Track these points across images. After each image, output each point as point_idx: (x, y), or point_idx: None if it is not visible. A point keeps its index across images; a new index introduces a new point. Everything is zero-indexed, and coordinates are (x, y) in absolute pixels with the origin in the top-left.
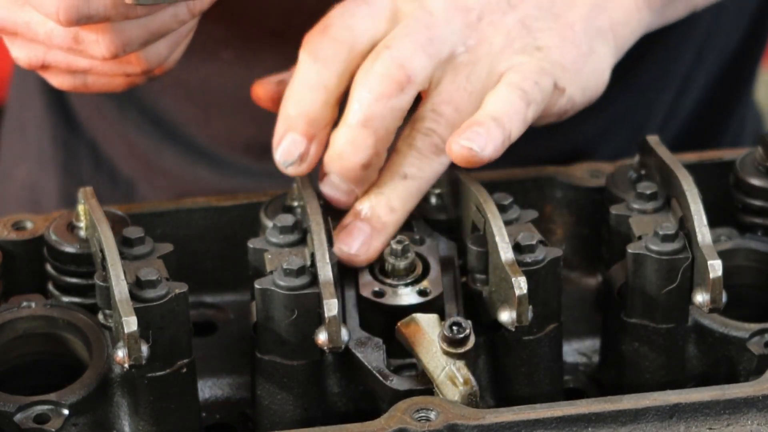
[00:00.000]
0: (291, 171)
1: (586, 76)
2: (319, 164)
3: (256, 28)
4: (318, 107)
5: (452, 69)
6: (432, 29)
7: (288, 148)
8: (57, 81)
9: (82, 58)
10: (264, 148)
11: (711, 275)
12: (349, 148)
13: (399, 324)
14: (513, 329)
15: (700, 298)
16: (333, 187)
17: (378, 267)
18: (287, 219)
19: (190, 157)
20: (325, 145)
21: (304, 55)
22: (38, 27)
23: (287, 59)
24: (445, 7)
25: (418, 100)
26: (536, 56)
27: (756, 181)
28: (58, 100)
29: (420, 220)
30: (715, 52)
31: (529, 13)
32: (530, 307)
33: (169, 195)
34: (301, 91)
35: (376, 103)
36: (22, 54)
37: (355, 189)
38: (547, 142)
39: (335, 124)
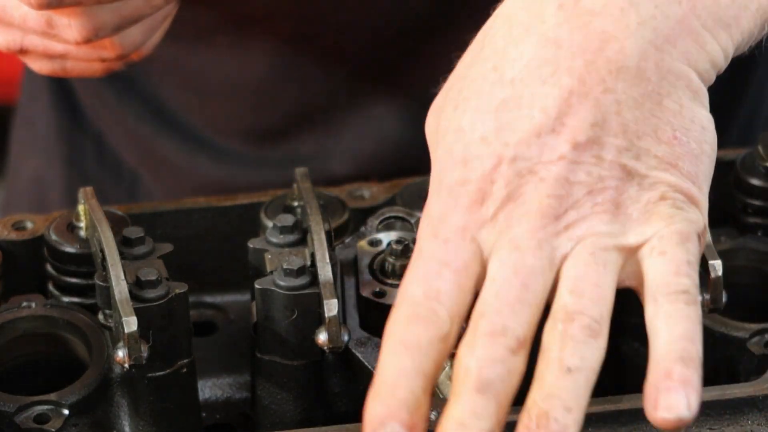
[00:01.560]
0: None
1: (707, 172)
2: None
3: (248, 12)
4: (419, 395)
5: (581, 248)
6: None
7: None
8: (36, 66)
9: (56, 42)
10: (260, 134)
11: (711, 275)
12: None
13: None
14: None
15: (700, 298)
16: None
17: (378, 267)
18: (287, 219)
19: (189, 145)
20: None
21: (390, 343)
22: (13, 10)
23: (281, 42)
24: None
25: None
26: (679, 217)
27: (756, 181)
28: (64, 93)
29: (420, 220)
30: None
31: (618, 143)
32: None
33: (171, 185)
34: (395, 379)
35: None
36: (0, 38)
37: None
38: None
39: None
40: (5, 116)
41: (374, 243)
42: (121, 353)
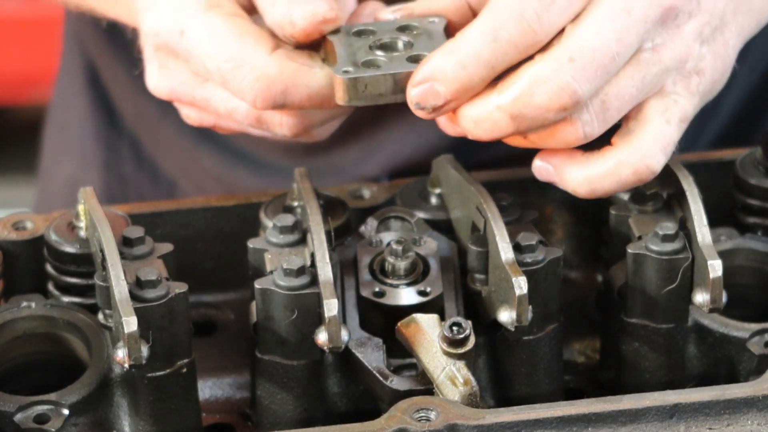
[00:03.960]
0: (419, 114)
1: (719, 87)
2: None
3: None
4: (477, 82)
5: (635, 62)
6: (625, 32)
7: (426, 95)
8: (223, 131)
9: (261, 131)
10: (304, 150)
11: (711, 275)
12: (488, 124)
13: (399, 324)
14: (513, 329)
15: (700, 298)
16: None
17: (378, 267)
18: (287, 219)
19: (230, 158)
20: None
21: (483, 25)
22: (219, 104)
23: None
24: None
25: None
26: (693, 83)
27: (756, 181)
28: (101, 98)
29: (420, 220)
30: (760, 49)
31: (705, 20)
32: (530, 307)
33: (210, 194)
34: (467, 60)
35: (534, 110)
36: (194, 115)
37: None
38: None
39: None
40: (37, 116)
41: (374, 243)
42: (121, 353)
